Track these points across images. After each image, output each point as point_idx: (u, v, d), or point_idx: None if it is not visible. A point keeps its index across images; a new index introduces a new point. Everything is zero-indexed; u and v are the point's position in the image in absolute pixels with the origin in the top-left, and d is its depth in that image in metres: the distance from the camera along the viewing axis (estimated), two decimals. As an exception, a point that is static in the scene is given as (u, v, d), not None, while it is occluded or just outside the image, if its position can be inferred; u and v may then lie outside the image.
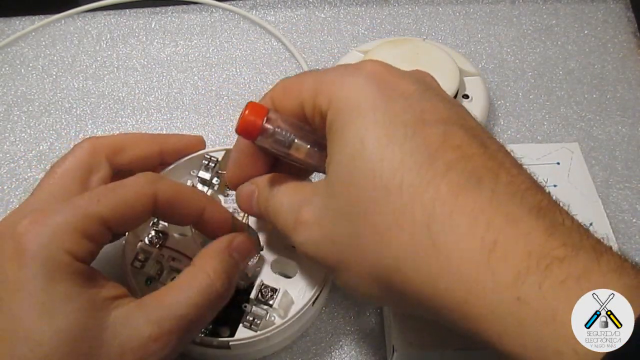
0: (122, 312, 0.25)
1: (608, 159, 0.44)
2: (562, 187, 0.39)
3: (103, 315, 0.24)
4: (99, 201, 0.26)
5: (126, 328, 0.25)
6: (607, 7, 0.55)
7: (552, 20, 0.55)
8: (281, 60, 0.52)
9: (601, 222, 0.37)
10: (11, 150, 0.46)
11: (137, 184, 0.28)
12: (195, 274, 0.28)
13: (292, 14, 0.55)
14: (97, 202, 0.26)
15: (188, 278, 0.28)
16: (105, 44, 0.53)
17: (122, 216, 0.27)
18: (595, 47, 0.52)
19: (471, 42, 0.53)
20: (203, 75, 0.51)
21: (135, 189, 0.28)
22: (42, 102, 0.49)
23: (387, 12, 0.56)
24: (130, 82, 0.50)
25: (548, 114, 0.48)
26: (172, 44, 0.53)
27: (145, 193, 0.28)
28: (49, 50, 0.53)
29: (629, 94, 0.49)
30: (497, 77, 0.50)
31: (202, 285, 0.27)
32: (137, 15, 0.55)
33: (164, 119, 0.48)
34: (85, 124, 0.47)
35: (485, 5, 0.56)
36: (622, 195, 0.42)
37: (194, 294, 0.27)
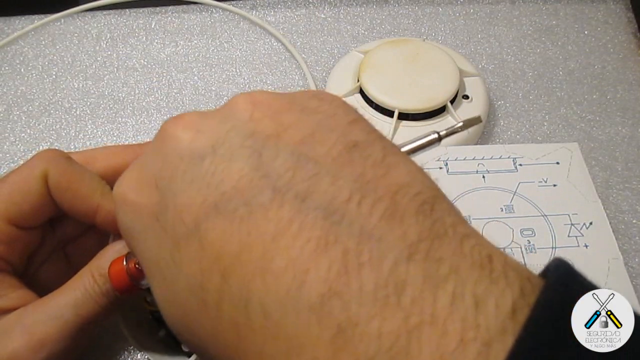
0: (3, 323, 0.25)
1: (608, 160, 0.44)
2: (561, 186, 0.39)
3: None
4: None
5: (2, 338, 0.24)
6: (607, 7, 0.55)
7: (552, 20, 0.55)
8: (281, 60, 0.52)
9: (601, 223, 0.37)
10: (11, 150, 0.46)
11: (28, 165, 0.26)
12: (81, 274, 0.26)
13: (292, 14, 0.55)
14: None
15: (74, 279, 0.26)
16: (105, 43, 0.53)
17: (18, 205, 0.26)
18: (595, 48, 0.52)
19: (471, 43, 0.53)
20: (203, 75, 0.51)
21: (26, 172, 0.26)
22: (42, 102, 0.49)
23: (387, 12, 0.56)
24: (130, 82, 0.50)
25: (548, 115, 0.48)
26: (172, 44, 0.53)
27: (35, 174, 0.26)
28: (49, 49, 0.53)
29: (629, 94, 0.49)
30: (497, 77, 0.50)
31: (85, 285, 0.26)
32: (137, 15, 0.55)
33: (163, 119, 0.48)
34: (85, 124, 0.47)
35: (485, 5, 0.56)
36: (622, 196, 0.42)
37: (73, 295, 0.25)
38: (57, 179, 0.27)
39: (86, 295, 0.26)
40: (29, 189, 0.26)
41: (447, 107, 0.44)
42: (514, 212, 0.38)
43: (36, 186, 0.26)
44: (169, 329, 0.31)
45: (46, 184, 0.27)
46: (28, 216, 0.27)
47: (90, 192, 0.27)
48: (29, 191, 0.26)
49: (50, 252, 0.30)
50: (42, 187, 0.27)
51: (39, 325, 0.25)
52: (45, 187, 0.27)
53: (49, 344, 0.25)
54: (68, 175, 0.27)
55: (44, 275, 0.30)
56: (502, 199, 0.39)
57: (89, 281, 0.26)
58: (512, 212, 0.38)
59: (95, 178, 0.28)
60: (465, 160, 0.41)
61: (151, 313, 0.32)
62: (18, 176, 0.27)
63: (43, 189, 0.27)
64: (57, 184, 0.27)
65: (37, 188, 0.26)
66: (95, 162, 0.30)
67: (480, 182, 0.40)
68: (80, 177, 0.28)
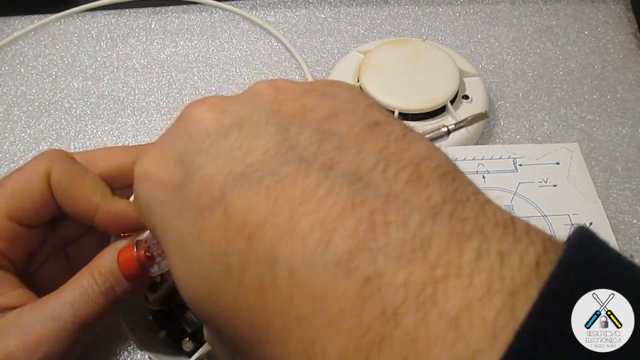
0: (0, 323, 0.25)
1: (608, 160, 0.44)
2: (561, 186, 0.39)
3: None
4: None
5: (0, 339, 0.24)
6: (608, 7, 0.55)
7: (553, 20, 0.54)
8: (281, 60, 0.52)
9: (601, 223, 0.37)
10: (11, 150, 0.46)
11: (32, 164, 0.27)
12: (81, 274, 0.26)
13: (292, 14, 0.55)
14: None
15: (73, 279, 0.26)
16: (105, 44, 0.53)
17: (21, 202, 0.26)
18: (595, 48, 0.52)
19: (471, 43, 0.53)
20: (203, 75, 0.51)
21: (29, 170, 0.26)
22: (41, 102, 0.49)
23: (387, 12, 0.56)
24: (130, 83, 0.50)
25: (548, 115, 0.47)
26: (172, 44, 0.53)
27: (38, 173, 0.26)
28: (49, 49, 0.53)
29: (629, 94, 0.49)
30: (497, 77, 0.50)
31: (83, 285, 0.26)
32: (137, 15, 0.55)
33: (164, 119, 0.48)
34: (85, 124, 0.47)
35: (485, 5, 0.56)
36: (622, 197, 0.42)
37: (71, 296, 0.25)
38: (60, 178, 0.27)
39: (85, 295, 0.26)
40: (32, 186, 0.26)
41: (447, 107, 0.44)
42: (514, 212, 0.38)
43: (39, 184, 0.27)
44: (169, 330, 0.32)
45: (49, 182, 0.27)
46: (30, 214, 0.27)
47: (90, 192, 0.28)
48: (32, 189, 0.26)
49: (50, 253, 0.30)
50: (45, 185, 0.27)
51: (35, 325, 0.25)
52: (48, 186, 0.27)
53: (45, 345, 0.25)
54: (70, 175, 0.27)
55: (43, 275, 0.30)
56: (502, 199, 0.38)
57: (88, 281, 0.26)
58: (512, 213, 0.38)
59: (96, 179, 0.29)
60: (465, 160, 0.41)
61: (152, 314, 0.32)
62: (21, 174, 0.27)
63: (46, 188, 0.27)
64: (59, 183, 0.27)
65: (39, 186, 0.27)
66: (96, 163, 0.30)
67: (480, 182, 0.39)
68: (82, 177, 0.28)
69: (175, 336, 0.31)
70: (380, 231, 0.15)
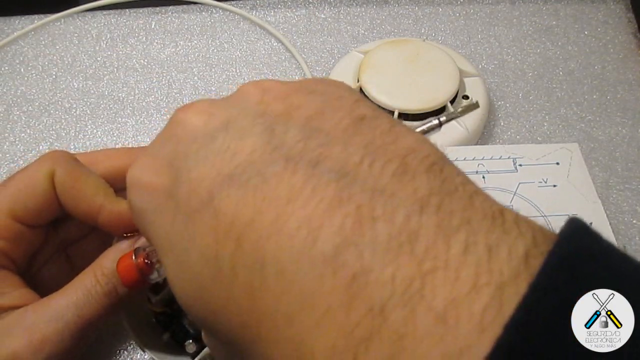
0: (4, 322, 0.25)
1: (608, 160, 0.44)
2: (561, 187, 0.39)
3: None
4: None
5: (3, 339, 0.24)
6: (607, 7, 0.55)
7: (552, 21, 0.54)
8: (281, 60, 0.52)
9: (601, 223, 0.37)
10: (11, 150, 0.46)
11: (36, 164, 0.27)
12: (84, 274, 0.27)
13: (292, 14, 0.55)
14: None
15: (76, 279, 0.27)
16: (105, 44, 0.53)
17: (24, 202, 0.26)
18: (595, 48, 0.52)
19: (471, 43, 0.53)
20: (203, 75, 0.51)
21: (33, 170, 0.27)
22: (41, 102, 0.49)
23: (387, 12, 0.56)
24: (130, 83, 0.50)
25: (548, 115, 0.47)
26: (172, 44, 0.53)
27: (42, 173, 0.27)
28: (49, 49, 0.53)
29: (629, 94, 0.49)
30: (497, 77, 0.50)
31: (87, 285, 0.26)
32: (137, 15, 0.55)
33: (163, 119, 0.48)
34: (85, 124, 0.47)
35: (485, 5, 0.56)
36: (622, 197, 0.42)
37: (75, 296, 0.26)
38: (63, 179, 0.27)
39: (88, 295, 0.26)
40: (35, 186, 0.27)
41: (447, 107, 0.44)
42: (514, 212, 0.38)
43: (42, 184, 0.27)
44: (172, 332, 0.32)
45: (52, 182, 0.27)
46: (33, 213, 0.27)
47: (94, 192, 0.28)
48: (35, 189, 0.27)
49: (52, 253, 0.30)
50: (49, 185, 0.27)
51: (39, 325, 0.25)
52: (52, 186, 0.27)
53: (49, 345, 0.25)
54: (73, 176, 0.28)
55: (45, 276, 0.30)
56: (502, 199, 0.38)
57: (91, 281, 0.26)
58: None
59: (99, 180, 0.29)
60: (465, 160, 0.41)
61: (155, 316, 0.32)
62: (25, 174, 0.27)
63: (49, 188, 0.27)
64: (63, 183, 0.27)
65: (43, 186, 0.27)
66: (97, 164, 0.30)
67: (480, 182, 0.39)
68: (85, 178, 0.28)
69: (178, 338, 0.31)
70: (367, 226, 0.15)
